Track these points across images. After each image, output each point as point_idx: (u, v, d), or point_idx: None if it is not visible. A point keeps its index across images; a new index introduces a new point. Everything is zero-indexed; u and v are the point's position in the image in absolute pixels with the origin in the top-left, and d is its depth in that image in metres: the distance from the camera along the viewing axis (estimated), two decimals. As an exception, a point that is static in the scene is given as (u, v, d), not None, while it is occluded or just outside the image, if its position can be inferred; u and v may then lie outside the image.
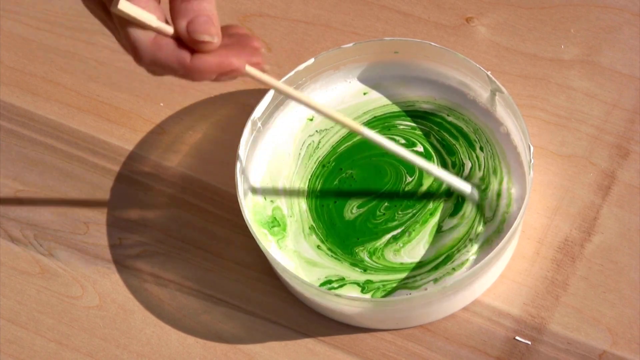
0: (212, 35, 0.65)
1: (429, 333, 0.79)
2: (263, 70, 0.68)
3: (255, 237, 0.78)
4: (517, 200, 0.80)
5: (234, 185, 0.81)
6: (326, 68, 0.85)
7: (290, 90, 0.72)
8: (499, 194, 0.81)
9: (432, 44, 0.83)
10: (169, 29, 0.65)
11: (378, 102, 0.86)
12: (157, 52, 0.65)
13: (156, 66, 0.66)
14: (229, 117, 0.89)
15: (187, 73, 0.66)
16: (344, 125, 0.75)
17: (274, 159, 0.85)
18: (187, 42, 0.65)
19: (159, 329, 0.81)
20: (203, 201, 0.86)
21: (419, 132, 0.85)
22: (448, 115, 0.85)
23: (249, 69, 0.67)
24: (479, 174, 0.82)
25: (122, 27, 0.65)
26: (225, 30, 0.67)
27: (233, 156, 0.82)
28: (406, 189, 0.82)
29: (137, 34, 0.65)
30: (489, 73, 0.81)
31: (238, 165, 0.80)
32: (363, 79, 0.87)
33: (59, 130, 0.90)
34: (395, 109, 0.86)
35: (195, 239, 0.84)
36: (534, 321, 0.79)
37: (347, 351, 0.79)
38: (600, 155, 0.84)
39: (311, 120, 0.86)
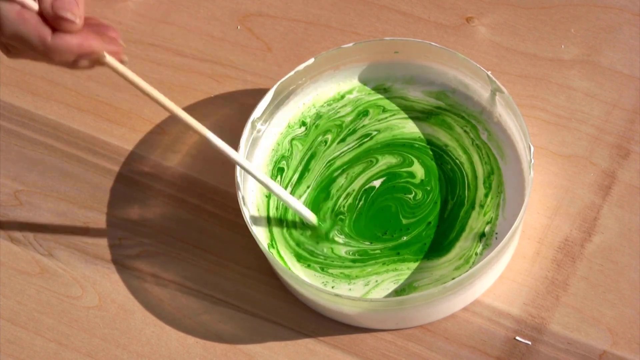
0: (74, 15, 0.66)
1: (429, 333, 0.79)
2: (121, 62, 0.70)
3: (255, 237, 0.78)
4: (516, 201, 0.80)
5: (234, 185, 0.81)
6: (326, 68, 0.85)
7: (146, 86, 0.72)
8: (498, 194, 0.81)
9: (432, 44, 0.83)
10: (34, 5, 0.66)
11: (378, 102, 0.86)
12: (20, 24, 0.66)
13: (16, 40, 0.66)
14: (229, 117, 0.89)
15: (47, 50, 0.66)
16: (188, 126, 0.74)
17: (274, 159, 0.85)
18: (50, 18, 0.66)
19: (159, 329, 0.81)
20: (203, 201, 0.86)
21: (419, 132, 0.85)
22: (448, 115, 0.85)
23: (109, 59, 0.69)
24: (478, 174, 0.82)
25: None
26: (86, 20, 0.69)
27: (233, 156, 0.82)
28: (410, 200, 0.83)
29: (1, 4, 0.66)
30: (489, 73, 0.81)
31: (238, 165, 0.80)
32: (363, 79, 0.87)
33: (59, 130, 0.90)
34: (395, 108, 0.86)
35: (195, 239, 0.84)
36: (534, 321, 0.79)
37: (347, 351, 0.79)
38: (600, 155, 0.84)
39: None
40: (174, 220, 0.85)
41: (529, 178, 0.78)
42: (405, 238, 0.81)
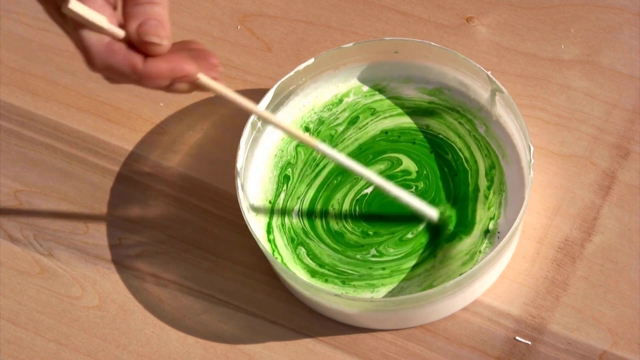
0: (161, 38, 0.65)
1: (429, 333, 0.79)
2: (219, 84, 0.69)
3: (255, 237, 0.78)
4: (517, 201, 0.80)
5: (234, 185, 0.81)
6: (326, 68, 0.85)
7: (249, 104, 0.71)
8: (501, 192, 0.81)
9: (432, 44, 0.83)
10: (120, 32, 0.65)
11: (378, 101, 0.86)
12: (110, 56, 0.65)
13: (109, 71, 0.66)
14: (229, 117, 0.89)
15: (140, 78, 0.66)
16: (301, 140, 0.74)
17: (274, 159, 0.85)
18: (137, 44, 0.65)
19: (159, 329, 0.81)
20: (203, 201, 0.86)
21: (419, 132, 0.85)
22: (448, 115, 0.85)
23: (202, 77, 0.67)
24: (479, 164, 0.82)
25: (75, 30, 0.65)
26: (185, 44, 0.68)
27: (233, 156, 0.82)
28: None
29: (89, 37, 0.65)
30: (489, 73, 0.81)
31: (238, 165, 0.80)
32: (363, 79, 0.87)
33: (59, 130, 0.90)
34: (395, 108, 0.86)
35: (195, 239, 0.84)
36: (534, 321, 0.79)
37: (347, 351, 0.79)
38: (600, 155, 0.84)
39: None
40: (174, 220, 0.85)
41: (528, 178, 0.78)
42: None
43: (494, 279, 0.80)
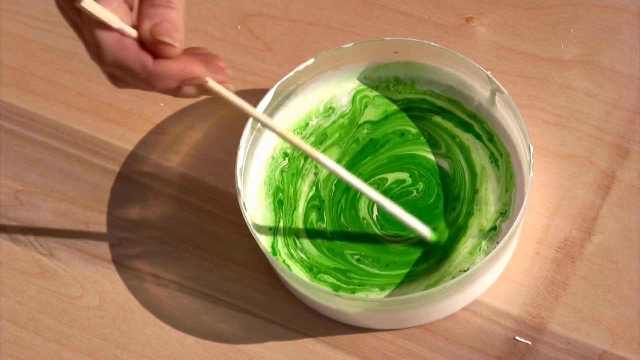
0: (174, 39, 0.65)
1: (429, 333, 0.79)
2: (228, 90, 0.69)
3: (255, 237, 0.78)
4: (517, 201, 0.80)
5: (234, 185, 0.81)
6: (326, 68, 0.85)
7: (253, 110, 0.72)
8: (498, 194, 0.81)
9: (432, 44, 0.83)
10: (133, 32, 0.66)
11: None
12: (121, 52, 0.65)
13: (118, 67, 0.66)
14: (229, 117, 0.89)
15: (149, 76, 0.66)
16: (302, 150, 0.74)
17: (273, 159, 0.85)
18: (149, 44, 0.66)
19: (159, 329, 0.81)
20: (203, 201, 0.86)
21: (419, 132, 0.85)
22: (448, 115, 0.85)
23: (211, 82, 0.68)
24: (477, 174, 0.82)
25: (88, 26, 0.65)
26: (192, 50, 0.68)
27: (233, 156, 0.82)
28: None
29: (102, 33, 0.65)
30: (489, 73, 0.81)
31: (238, 165, 0.80)
32: (363, 79, 0.87)
33: (59, 130, 0.90)
34: (395, 108, 0.86)
35: (195, 239, 0.84)
36: (534, 321, 0.79)
37: (347, 351, 0.79)
38: (600, 155, 0.84)
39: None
40: (174, 220, 0.85)
41: (528, 178, 0.78)
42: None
43: (493, 279, 0.80)
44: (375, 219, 0.82)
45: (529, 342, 0.78)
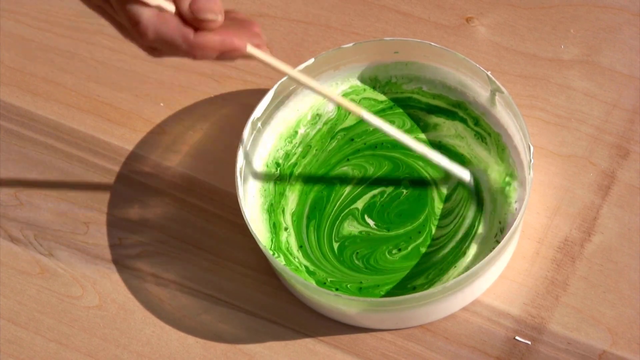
0: (215, 13, 0.66)
1: (429, 333, 0.79)
2: (265, 53, 0.70)
3: (255, 237, 0.78)
4: (517, 200, 0.80)
5: (234, 185, 0.81)
6: (326, 68, 0.85)
7: (292, 71, 0.73)
8: (499, 194, 0.81)
9: (432, 44, 0.83)
10: (171, 7, 0.66)
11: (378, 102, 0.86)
12: (162, 26, 0.66)
13: (159, 41, 0.66)
14: (229, 117, 0.89)
15: (190, 49, 0.67)
16: (346, 108, 0.75)
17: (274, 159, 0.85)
18: (190, 21, 0.66)
19: (159, 329, 0.81)
20: (203, 201, 0.86)
21: (419, 132, 0.85)
22: (447, 115, 0.85)
23: (251, 49, 0.68)
24: (477, 174, 0.82)
25: (121, 5, 0.65)
26: (226, 14, 0.69)
27: (233, 156, 0.82)
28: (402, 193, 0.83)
29: (138, 8, 0.66)
30: (489, 73, 0.81)
31: (238, 165, 0.80)
32: (363, 79, 0.87)
33: (59, 130, 0.90)
34: (395, 108, 0.86)
35: (195, 239, 0.84)
36: (534, 321, 0.79)
37: (347, 351, 0.80)
38: (600, 155, 0.84)
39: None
40: (174, 220, 0.85)
41: (528, 178, 0.78)
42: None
43: (493, 279, 0.80)
44: (375, 220, 0.82)
45: (529, 342, 0.78)
